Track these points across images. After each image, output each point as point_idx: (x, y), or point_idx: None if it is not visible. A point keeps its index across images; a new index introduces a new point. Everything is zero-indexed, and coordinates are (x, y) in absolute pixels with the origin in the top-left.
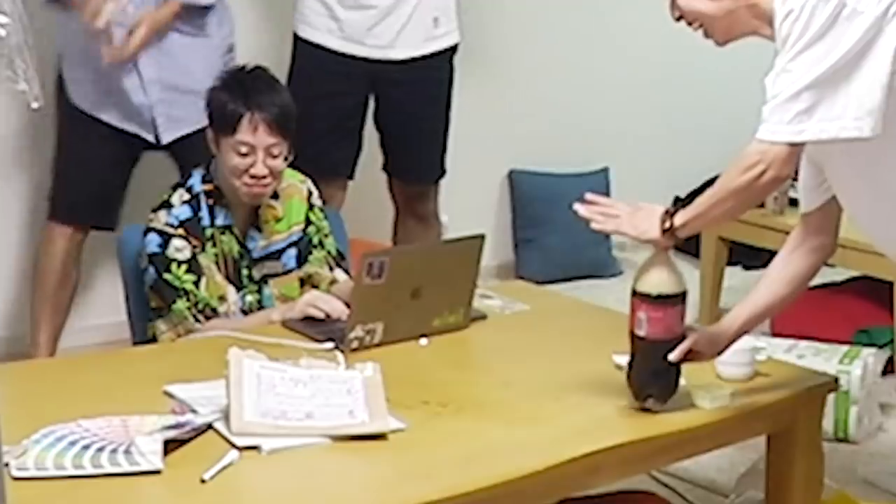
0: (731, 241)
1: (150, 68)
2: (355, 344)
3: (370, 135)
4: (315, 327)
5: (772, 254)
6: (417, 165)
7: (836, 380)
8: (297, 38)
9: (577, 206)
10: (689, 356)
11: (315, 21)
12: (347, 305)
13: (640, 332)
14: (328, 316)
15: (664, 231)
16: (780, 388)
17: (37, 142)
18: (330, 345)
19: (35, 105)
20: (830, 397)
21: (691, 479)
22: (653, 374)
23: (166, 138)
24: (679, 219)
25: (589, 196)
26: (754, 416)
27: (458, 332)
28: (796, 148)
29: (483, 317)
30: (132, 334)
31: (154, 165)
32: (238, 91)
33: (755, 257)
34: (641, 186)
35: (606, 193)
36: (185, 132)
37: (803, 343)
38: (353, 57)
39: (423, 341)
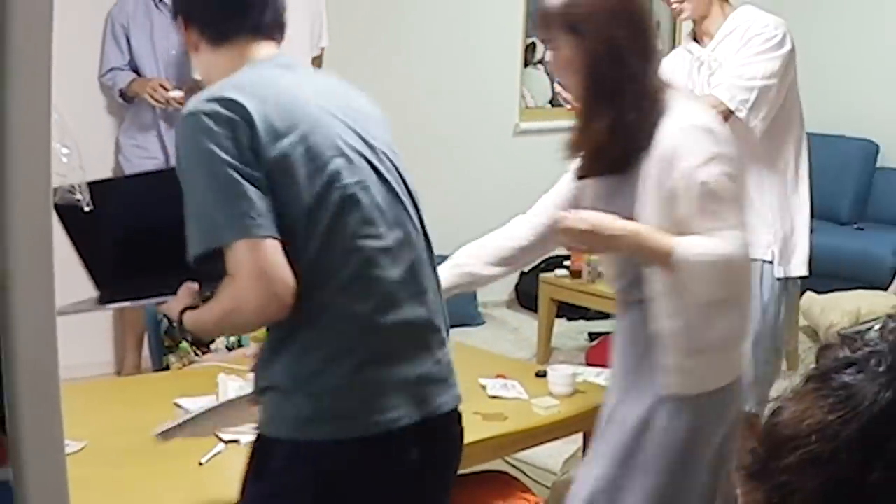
0: (558, 301)
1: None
2: None
3: None
4: None
5: (587, 310)
6: None
7: None
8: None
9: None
10: None
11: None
12: None
13: None
14: None
15: None
16: (592, 400)
17: None
18: None
19: (87, 209)
20: None
21: (532, 463)
22: None
23: None
24: None
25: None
26: (574, 419)
27: None
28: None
29: None
30: (152, 364)
31: None
32: None
33: (575, 312)
34: None
35: None
36: None
37: (608, 370)
38: None
39: None
